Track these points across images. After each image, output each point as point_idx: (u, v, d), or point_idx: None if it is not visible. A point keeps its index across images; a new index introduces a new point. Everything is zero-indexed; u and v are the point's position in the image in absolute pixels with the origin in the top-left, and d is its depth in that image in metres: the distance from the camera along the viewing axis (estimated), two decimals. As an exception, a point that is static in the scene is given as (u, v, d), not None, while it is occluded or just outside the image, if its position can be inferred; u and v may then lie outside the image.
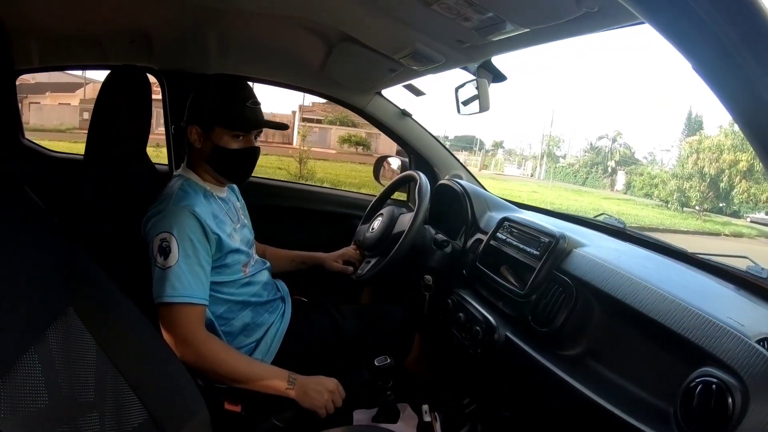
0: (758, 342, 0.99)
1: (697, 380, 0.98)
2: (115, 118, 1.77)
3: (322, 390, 1.56)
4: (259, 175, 1.98)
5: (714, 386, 0.94)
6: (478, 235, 1.95)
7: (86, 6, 1.81)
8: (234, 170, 1.73)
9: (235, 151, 1.67)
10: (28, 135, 2.93)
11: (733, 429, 0.90)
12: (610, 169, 30.54)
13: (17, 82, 2.24)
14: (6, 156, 1.05)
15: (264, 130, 1.76)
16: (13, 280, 0.95)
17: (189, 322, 1.53)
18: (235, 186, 1.93)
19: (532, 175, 32.98)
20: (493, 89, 1.85)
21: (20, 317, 0.93)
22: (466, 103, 1.93)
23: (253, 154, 1.73)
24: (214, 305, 1.66)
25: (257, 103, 1.70)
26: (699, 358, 1.02)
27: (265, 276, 1.87)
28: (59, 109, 21.94)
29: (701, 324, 1.06)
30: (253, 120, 1.68)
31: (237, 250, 1.70)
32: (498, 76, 1.84)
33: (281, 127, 1.84)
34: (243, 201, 1.98)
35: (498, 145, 37.62)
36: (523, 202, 2.42)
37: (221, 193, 1.77)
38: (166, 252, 1.52)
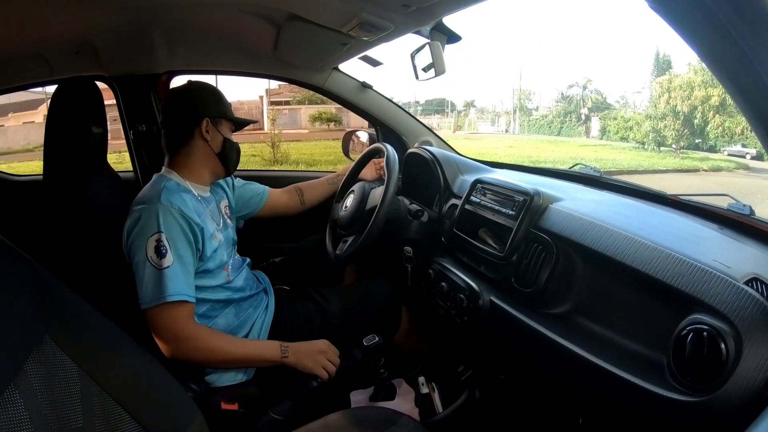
0: (746, 283, 0.97)
1: (688, 328, 0.96)
2: (69, 132, 1.74)
3: (314, 351, 1.61)
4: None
5: (705, 333, 0.92)
6: (453, 201, 1.92)
7: (23, 25, 1.76)
8: (236, 161, 1.83)
9: (236, 143, 1.80)
10: (-5, 160, 2.89)
11: (729, 375, 0.88)
12: (583, 117, 30.53)
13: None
14: None
15: None
16: None
17: (183, 318, 1.55)
18: (227, 180, 1.98)
19: (506, 131, 32.87)
20: (458, 49, 1.81)
21: None
22: (425, 69, 1.89)
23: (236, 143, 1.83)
24: (197, 305, 1.64)
25: None
26: (688, 306, 1.00)
27: (245, 271, 1.86)
28: (24, 129, 21.56)
29: (686, 270, 1.03)
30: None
31: (218, 250, 1.69)
32: (452, 37, 1.80)
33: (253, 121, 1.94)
34: (239, 190, 2.04)
35: (469, 104, 37.46)
36: (501, 159, 2.40)
37: (204, 194, 1.77)
38: (162, 252, 1.52)
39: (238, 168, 1.84)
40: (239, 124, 1.81)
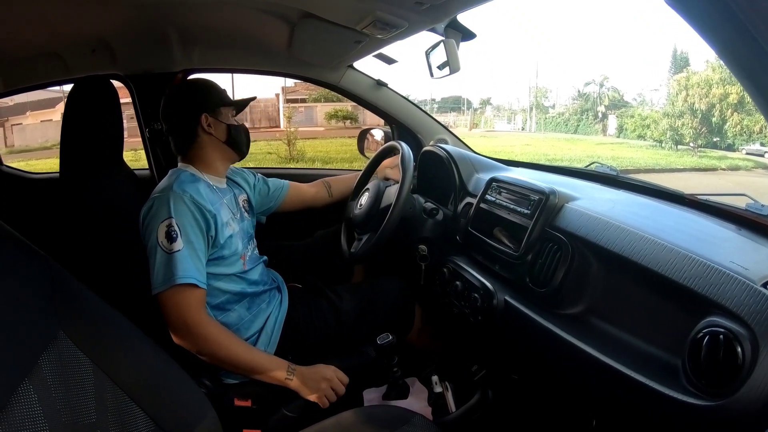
0: (764, 285, 0.96)
1: (704, 331, 0.94)
2: (85, 131, 1.76)
3: (318, 379, 1.58)
4: (250, 165, 1.96)
5: (721, 336, 0.91)
6: (468, 199, 1.91)
7: (40, 24, 1.77)
8: (247, 143, 1.86)
9: (241, 125, 1.83)
10: (15, 157, 2.93)
11: (745, 379, 0.87)
12: (600, 114, 30.30)
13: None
14: None
15: (250, 116, 1.86)
16: None
17: (192, 305, 1.55)
18: (245, 176, 2.01)
19: (523, 129, 32.67)
20: (474, 47, 1.80)
21: (9, 351, 0.90)
22: (440, 66, 1.88)
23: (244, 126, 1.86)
24: (211, 296, 1.67)
25: None
26: (704, 308, 0.98)
27: (261, 267, 1.87)
28: (42, 127, 21.77)
29: (703, 271, 1.02)
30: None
31: (233, 237, 1.71)
32: (467, 35, 1.79)
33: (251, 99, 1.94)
34: (259, 186, 2.06)
35: (486, 102, 37.18)
36: (518, 157, 2.39)
37: (220, 185, 1.79)
38: (172, 237, 1.55)
39: (256, 166, 1.85)
40: (239, 106, 1.84)
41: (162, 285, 1.52)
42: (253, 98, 1.88)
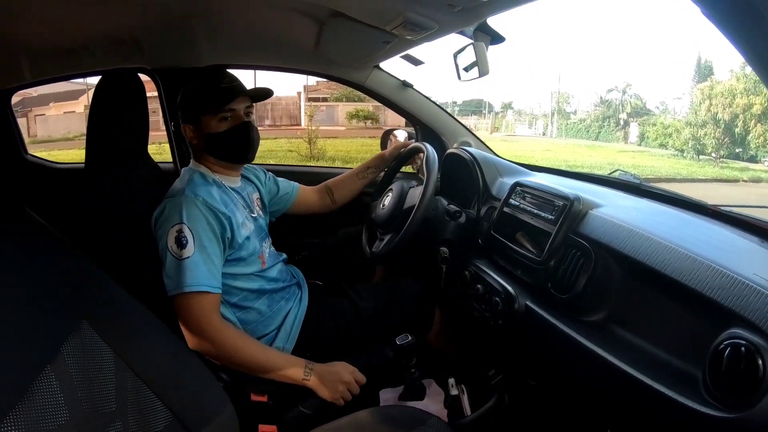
0: None
1: (726, 343, 0.94)
2: (111, 123, 1.77)
3: (336, 381, 1.56)
4: (270, 162, 1.96)
5: (743, 348, 0.90)
6: (492, 203, 1.91)
7: (71, 18, 1.80)
8: (232, 151, 1.76)
9: (227, 132, 1.72)
10: (38, 147, 2.96)
11: (765, 392, 0.86)
12: (622, 122, 30.10)
13: (20, 97, 2.27)
14: (6, 176, 1.03)
15: (271, 114, 1.79)
16: (20, 301, 0.93)
17: (205, 311, 1.55)
18: (257, 173, 1.99)
19: (544, 134, 32.57)
20: (496, 50, 1.79)
21: (33, 338, 0.91)
22: (467, 69, 1.87)
23: (246, 129, 1.74)
24: (229, 294, 1.68)
25: (234, 81, 1.73)
26: (726, 319, 0.98)
27: (280, 264, 1.87)
28: (65, 118, 22.00)
29: (726, 283, 1.01)
30: (228, 93, 1.70)
31: (250, 238, 1.71)
32: (496, 38, 1.78)
33: (265, 93, 1.82)
34: (268, 185, 2.03)
35: (507, 106, 37.05)
36: (538, 162, 2.38)
37: (233, 184, 1.79)
38: (182, 243, 1.54)
39: (275, 163, 1.85)
40: (222, 105, 1.68)
41: (173, 290, 1.53)
42: (249, 108, 1.76)
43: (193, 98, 1.73)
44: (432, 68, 2.78)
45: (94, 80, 1.90)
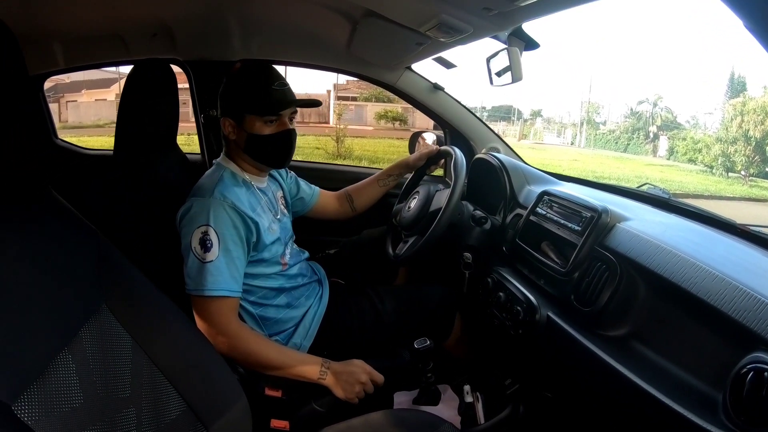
0: None
1: (749, 366, 0.92)
2: (141, 112, 1.79)
3: (353, 381, 1.56)
4: (296, 158, 1.96)
5: (766, 374, 0.88)
6: (518, 211, 1.89)
7: (106, 5, 1.82)
8: (272, 156, 1.73)
9: (270, 136, 1.68)
10: (67, 133, 3.00)
11: None
12: (651, 135, 29.86)
13: (52, 83, 2.31)
14: (34, 158, 1.04)
15: (300, 111, 1.76)
16: (42, 282, 0.94)
17: (223, 313, 1.55)
18: (280, 172, 1.97)
19: (572, 143, 32.48)
20: (528, 57, 1.78)
21: (52, 319, 0.92)
22: (499, 74, 1.86)
23: (289, 136, 1.72)
24: (248, 293, 1.68)
25: (285, 84, 1.68)
26: (750, 343, 0.95)
27: (302, 262, 1.88)
28: (96, 105, 22.33)
29: (753, 305, 0.98)
30: (281, 101, 1.66)
31: (275, 242, 1.71)
32: (530, 44, 1.77)
33: (314, 104, 1.83)
34: (289, 184, 2.02)
35: (536, 113, 36.93)
36: (565, 172, 2.35)
37: (261, 184, 1.78)
38: (207, 246, 1.54)
39: (302, 160, 1.85)
40: (275, 111, 1.66)
41: (193, 290, 1.54)
42: (294, 113, 1.74)
43: (241, 94, 1.67)
44: (463, 72, 2.77)
45: (127, 69, 1.92)
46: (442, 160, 2.20)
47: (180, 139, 2.04)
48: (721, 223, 1.59)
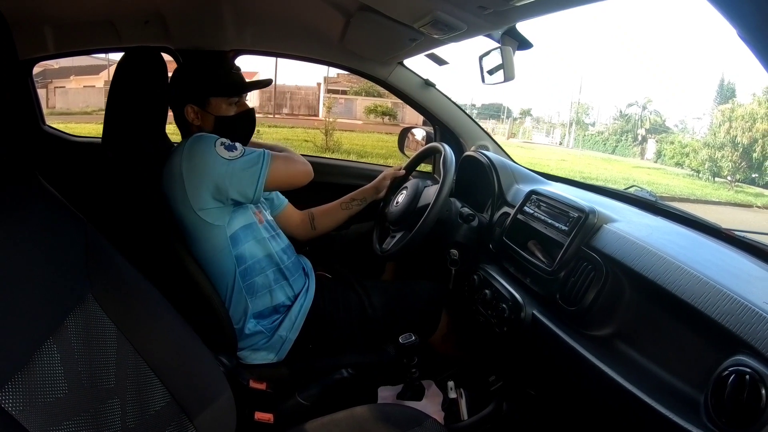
0: None
1: (730, 369, 0.93)
2: (131, 100, 1.78)
3: None
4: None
5: (747, 377, 0.89)
6: (505, 209, 1.89)
7: None
8: (239, 135, 1.82)
9: (236, 116, 1.83)
10: (55, 119, 2.97)
11: (765, 422, 0.85)
12: (640, 137, 29.96)
13: (41, 68, 2.28)
14: (21, 145, 1.03)
15: (290, 102, 1.84)
16: (27, 270, 0.93)
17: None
18: None
19: (560, 143, 32.49)
20: (520, 56, 1.79)
21: (38, 308, 0.91)
22: (491, 72, 1.87)
23: (252, 115, 1.90)
24: (240, 261, 1.71)
25: (239, 69, 1.87)
26: (732, 346, 0.97)
27: (285, 239, 1.91)
28: (84, 92, 22.08)
29: (736, 309, 1.00)
30: (242, 83, 1.83)
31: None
32: (524, 44, 1.78)
33: (266, 83, 1.97)
34: None
35: (526, 113, 36.89)
36: (553, 172, 2.36)
37: None
38: (229, 145, 1.66)
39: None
40: (239, 93, 1.83)
41: (262, 174, 1.66)
42: (264, 84, 1.96)
43: (205, 79, 1.79)
44: (454, 69, 2.77)
45: (117, 56, 1.91)
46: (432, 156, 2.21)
47: (169, 128, 2.03)
48: (707, 227, 1.60)
